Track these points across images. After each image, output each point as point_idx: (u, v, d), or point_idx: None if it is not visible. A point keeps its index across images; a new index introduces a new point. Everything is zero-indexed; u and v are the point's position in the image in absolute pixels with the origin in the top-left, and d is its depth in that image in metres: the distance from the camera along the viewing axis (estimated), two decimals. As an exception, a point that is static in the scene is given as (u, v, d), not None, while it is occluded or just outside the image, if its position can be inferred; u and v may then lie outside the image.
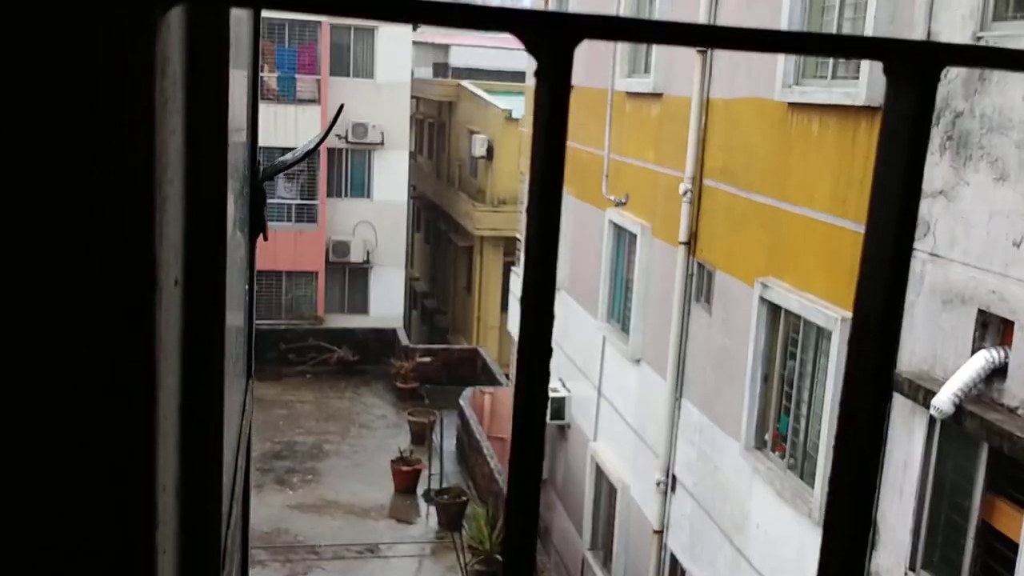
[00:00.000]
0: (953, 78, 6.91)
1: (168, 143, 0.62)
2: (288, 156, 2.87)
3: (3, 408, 0.50)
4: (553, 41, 0.56)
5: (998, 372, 6.41)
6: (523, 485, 0.54)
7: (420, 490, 18.89)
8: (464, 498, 17.74)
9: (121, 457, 0.53)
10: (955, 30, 6.88)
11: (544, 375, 0.56)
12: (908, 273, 0.59)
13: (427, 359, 24.77)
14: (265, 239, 1.72)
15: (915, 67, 0.63)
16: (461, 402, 20.67)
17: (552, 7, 16.62)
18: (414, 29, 28.69)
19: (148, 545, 0.56)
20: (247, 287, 1.67)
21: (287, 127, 25.93)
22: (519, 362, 0.58)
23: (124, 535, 0.54)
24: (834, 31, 8.63)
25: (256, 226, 1.65)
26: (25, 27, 0.48)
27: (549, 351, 0.58)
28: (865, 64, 7.83)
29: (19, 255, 0.49)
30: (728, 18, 10.42)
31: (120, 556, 0.54)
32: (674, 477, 11.62)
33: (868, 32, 7.80)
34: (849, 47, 0.65)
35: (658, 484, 11.77)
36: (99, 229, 0.50)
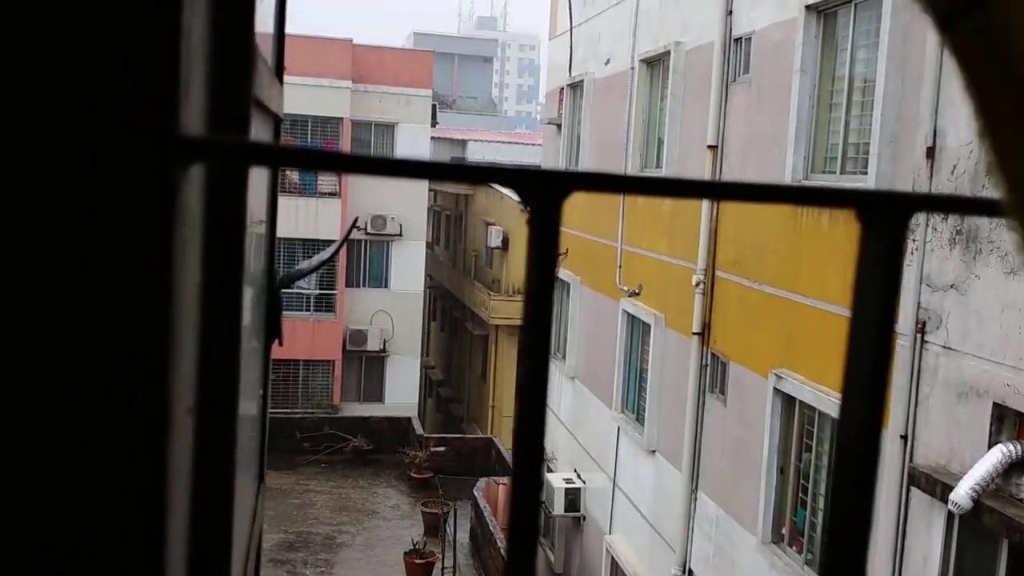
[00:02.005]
0: (961, 173, 7.00)
1: (184, 284, 0.67)
2: (304, 265, 2.94)
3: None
4: (544, 195, 0.60)
5: (1016, 466, 6.34)
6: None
7: (433, 584, 18.56)
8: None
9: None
10: (960, 127, 6.98)
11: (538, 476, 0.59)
12: (883, 405, 0.63)
13: (441, 448, 24.60)
14: (280, 344, 1.77)
15: (885, 214, 0.67)
16: (475, 493, 20.45)
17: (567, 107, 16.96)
18: (433, 125, 29.24)
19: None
20: (261, 392, 1.71)
21: (308, 220, 26.30)
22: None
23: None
24: (841, 129, 8.77)
25: (272, 332, 1.70)
26: (54, 178, 0.53)
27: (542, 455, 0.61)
28: (873, 159, 7.95)
29: (41, 400, 0.54)
30: (738, 118, 10.61)
31: None
32: (691, 572, 11.41)
33: (875, 129, 7.92)
34: (822, 197, 0.69)
35: (675, 579, 11.55)
36: (114, 371, 0.54)
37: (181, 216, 0.63)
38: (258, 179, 1.58)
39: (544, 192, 0.59)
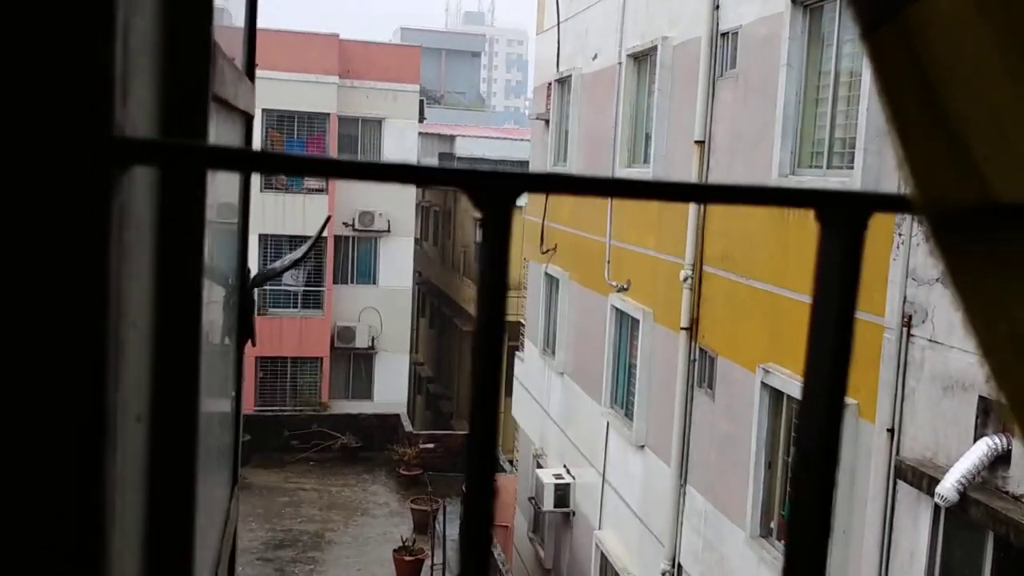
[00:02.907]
0: (946, 167, 7.01)
1: (130, 287, 0.65)
2: (277, 264, 2.92)
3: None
4: (494, 196, 0.59)
5: (1002, 459, 6.36)
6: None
7: (423, 580, 18.56)
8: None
9: None
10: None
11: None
12: (844, 403, 0.62)
13: (431, 445, 24.59)
14: (253, 345, 1.75)
15: (844, 214, 0.66)
16: (464, 489, 20.39)
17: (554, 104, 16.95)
18: (420, 121, 29.20)
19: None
20: (234, 394, 1.69)
21: (295, 216, 26.25)
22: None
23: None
24: (827, 124, 8.78)
25: (244, 333, 1.68)
26: None
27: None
28: (860, 153, 7.96)
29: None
30: (725, 113, 10.62)
31: None
32: (680, 566, 11.43)
33: (862, 123, 7.93)
34: (782, 197, 0.68)
35: (664, 574, 11.57)
36: (46, 376, 0.52)
37: (123, 219, 0.62)
38: (228, 179, 1.56)
39: (494, 194, 0.58)
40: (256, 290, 2.03)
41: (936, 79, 0.49)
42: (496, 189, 0.59)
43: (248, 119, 1.65)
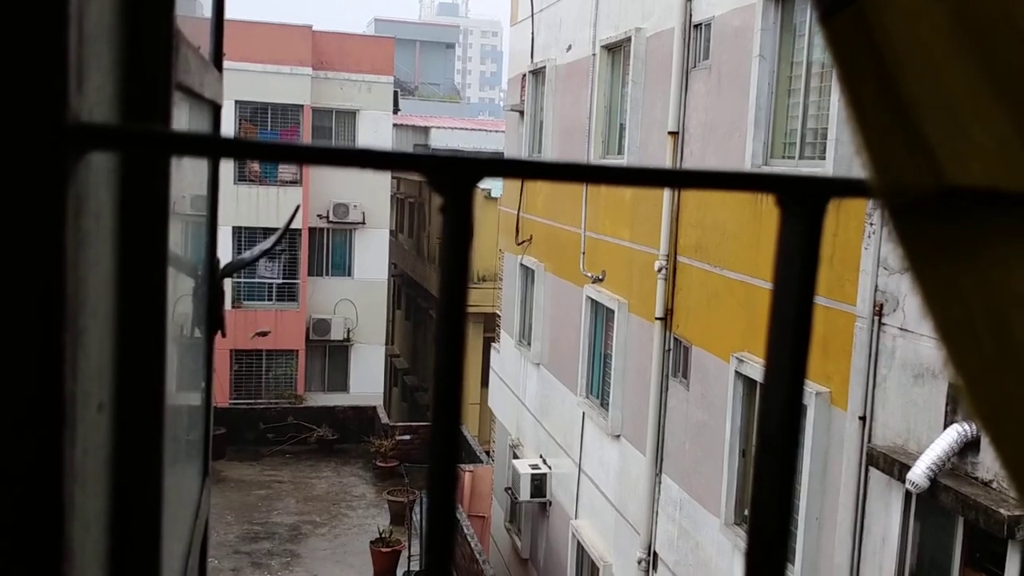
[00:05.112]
0: (917, 157, 7.07)
1: (88, 276, 0.64)
2: (246, 255, 2.91)
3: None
4: (453, 180, 0.59)
5: (971, 445, 6.44)
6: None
7: (400, 571, 18.56)
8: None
9: None
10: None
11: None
12: (804, 384, 0.62)
13: (407, 437, 24.57)
14: (223, 335, 1.74)
15: (804, 199, 0.66)
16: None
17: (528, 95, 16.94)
18: (395, 112, 29.10)
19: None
20: (204, 384, 1.68)
21: (269, 208, 26.11)
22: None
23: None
24: (800, 115, 8.83)
25: (213, 324, 1.67)
26: None
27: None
28: (831, 144, 8.01)
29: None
30: (698, 104, 10.65)
31: None
32: (655, 555, 11.50)
33: (833, 114, 7.98)
34: (742, 182, 0.68)
35: (639, 562, 11.64)
36: (1, 363, 0.52)
37: (80, 206, 0.61)
38: (196, 167, 1.55)
39: (455, 178, 0.58)
40: (228, 281, 2.02)
41: (892, 64, 0.50)
42: (456, 174, 0.59)
43: (216, 109, 1.64)
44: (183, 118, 1.22)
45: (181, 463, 1.38)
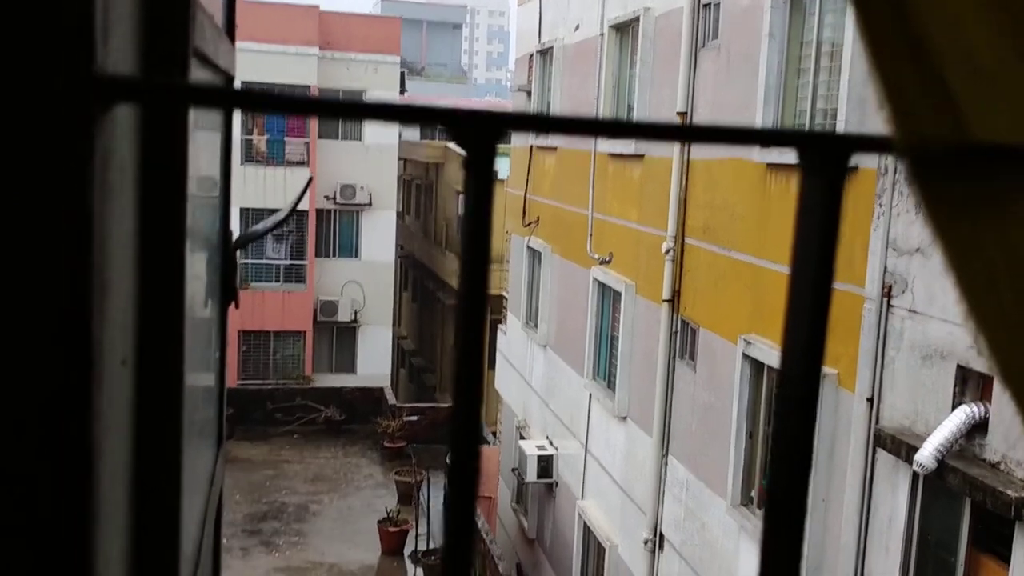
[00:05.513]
0: (927, 137, 7.04)
1: (113, 230, 0.65)
2: (260, 226, 2.91)
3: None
4: (477, 134, 0.59)
5: (979, 427, 6.44)
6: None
7: (407, 551, 18.67)
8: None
9: (54, 534, 0.54)
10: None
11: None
12: (822, 359, 0.62)
13: (414, 418, 24.65)
14: (236, 307, 1.75)
15: (825, 156, 0.66)
16: (448, 461, 20.49)
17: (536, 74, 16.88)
18: (401, 93, 29.04)
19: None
20: (218, 354, 1.69)
21: (276, 189, 26.11)
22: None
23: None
24: (809, 94, 8.79)
25: (227, 294, 1.68)
26: None
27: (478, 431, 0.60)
28: (841, 123, 7.98)
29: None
30: (707, 83, 10.60)
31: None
32: (661, 535, 11.54)
33: (843, 93, 7.95)
34: (764, 138, 0.68)
35: (645, 543, 11.68)
36: (31, 316, 0.52)
37: (106, 159, 0.61)
38: (209, 138, 1.55)
39: (479, 132, 0.58)
40: (238, 255, 2.03)
41: (913, 14, 0.49)
42: (480, 128, 0.59)
43: (229, 80, 1.64)
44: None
45: (197, 431, 1.39)
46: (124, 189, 0.68)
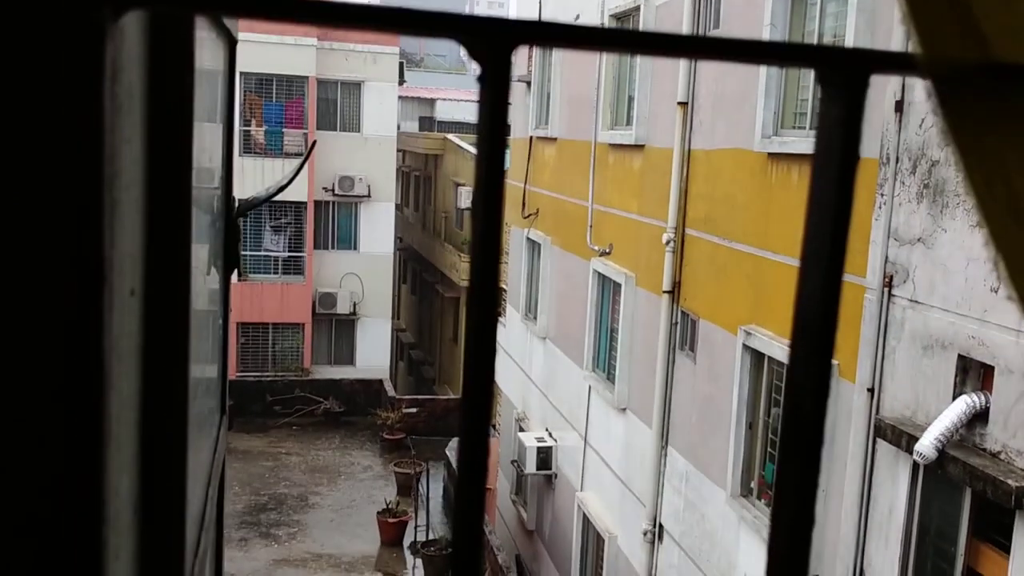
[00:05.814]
0: (929, 127, 7.03)
1: (122, 150, 0.64)
2: (262, 192, 2.90)
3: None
4: (492, 44, 0.58)
5: (979, 417, 6.43)
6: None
7: (407, 542, 18.68)
8: (451, 550, 17.56)
9: (65, 470, 0.53)
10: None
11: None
12: (842, 278, 0.61)
13: (413, 410, 24.66)
14: (240, 276, 1.74)
15: (845, 72, 0.65)
16: (448, 453, 20.53)
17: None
18: (400, 84, 28.98)
19: (96, 560, 0.56)
20: (221, 321, 1.68)
21: (275, 180, 26.04)
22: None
23: (70, 541, 0.54)
24: (810, 84, 8.76)
25: (231, 261, 1.67)
26: None
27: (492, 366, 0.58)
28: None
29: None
30: (708, 74, 10.58)
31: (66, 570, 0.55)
32: (661, 526, 11.54)
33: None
34: (780, 54, 0.67)
35: (645, 534, 11.69)
36: (42, 226, 0.51)
37: (116, 74, 0.60)
38: (212, 134, 1.54)
39: (494, 42, 0.57)
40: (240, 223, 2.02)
41: None
42: (495, 37, 0.58)
43: (232, 44, 1.62)
44: (205, 50, 1.20)
45: (200, 398, 1.38)
46: (132, 110, 0.66)
